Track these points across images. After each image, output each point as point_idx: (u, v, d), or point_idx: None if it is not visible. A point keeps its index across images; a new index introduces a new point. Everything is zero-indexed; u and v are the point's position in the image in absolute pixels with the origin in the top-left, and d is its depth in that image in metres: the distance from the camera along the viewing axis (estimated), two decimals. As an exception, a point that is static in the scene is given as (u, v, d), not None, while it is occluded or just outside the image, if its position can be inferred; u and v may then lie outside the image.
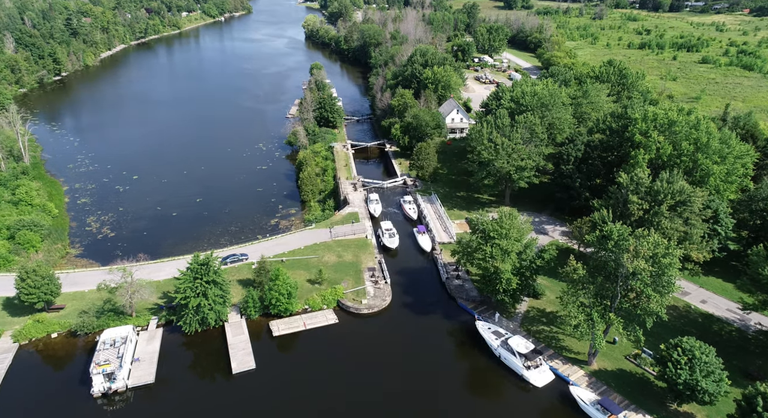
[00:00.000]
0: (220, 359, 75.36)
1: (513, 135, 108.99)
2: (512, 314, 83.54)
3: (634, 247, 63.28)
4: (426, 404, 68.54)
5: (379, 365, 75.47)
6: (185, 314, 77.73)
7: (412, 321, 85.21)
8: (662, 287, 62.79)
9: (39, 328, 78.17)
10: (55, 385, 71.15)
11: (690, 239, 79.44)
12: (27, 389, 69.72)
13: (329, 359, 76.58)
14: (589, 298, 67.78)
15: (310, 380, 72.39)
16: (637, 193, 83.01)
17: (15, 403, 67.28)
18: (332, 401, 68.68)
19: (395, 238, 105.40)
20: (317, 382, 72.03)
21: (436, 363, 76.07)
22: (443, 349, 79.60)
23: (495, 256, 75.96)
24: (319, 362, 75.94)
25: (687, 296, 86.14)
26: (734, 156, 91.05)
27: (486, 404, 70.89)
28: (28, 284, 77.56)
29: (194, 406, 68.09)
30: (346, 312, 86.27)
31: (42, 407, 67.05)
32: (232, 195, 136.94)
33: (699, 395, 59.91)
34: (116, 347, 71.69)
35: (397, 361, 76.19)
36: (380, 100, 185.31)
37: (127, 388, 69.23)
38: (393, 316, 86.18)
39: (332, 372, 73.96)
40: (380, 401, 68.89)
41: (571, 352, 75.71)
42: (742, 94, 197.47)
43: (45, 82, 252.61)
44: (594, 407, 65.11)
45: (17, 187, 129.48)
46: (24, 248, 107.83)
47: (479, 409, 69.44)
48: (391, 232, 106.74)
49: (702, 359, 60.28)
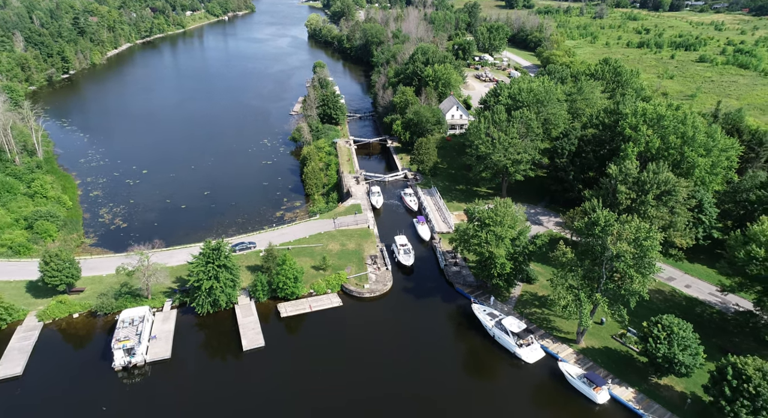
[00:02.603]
0: (231, 337, 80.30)
1: (509, 130, 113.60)
2: (506, 297, 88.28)
3: (617, 231, 67.94)
4: (425, 381, 73.20)
5: (380, 344, 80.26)
6: (198, 296, 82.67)
7: (411, 304, 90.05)
8: (644, 268, 67.47)
9: (61, 308, 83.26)
10: (78, 360, 76.29)
11: (674, 227, 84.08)
12: (53, 363, 74.82)
13: (333, 339, 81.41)
14: (577, 280, 72.39)
15: (316, 358, 77.23)
16: (625, 183, 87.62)
17: (42, 376, 72.34)
18: (336, 376, 73.42)
19: (410, 254, 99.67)
20: (322, 359, 76.83)
21: (434, 343, 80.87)
22: (441, 330, 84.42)
23: (490, 241, 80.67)
24: (324, 342, 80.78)
25: (672, 281, 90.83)
26: (719, 149, 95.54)
27: (481, 379, 75.76)
28: (51, 267, 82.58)
29: (208, 379, 73.10)
30: (349, 296, 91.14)
31: (67, 379, 72.12)
32: (238, 189, 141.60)
33: (677, 367, 64.63)
34: (135, 325, 76.68)
35: (397, 341, 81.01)
36: (382, 98, 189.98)
37: (145, 362, 74.24)
38: (394, 300, 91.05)
39: (336, 351, 78.76)
40: (381, 378, 73.59)
41: (561, 332, 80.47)
42: (737, 92, 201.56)
43: (54, 80, 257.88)
44: (580, 380, 69.86)
45: (32, 180, 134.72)
46: (42, 237, 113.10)
47: (475, 384, 74.30)
48: (407, 248, 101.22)
49: (680, 334, 64.95)
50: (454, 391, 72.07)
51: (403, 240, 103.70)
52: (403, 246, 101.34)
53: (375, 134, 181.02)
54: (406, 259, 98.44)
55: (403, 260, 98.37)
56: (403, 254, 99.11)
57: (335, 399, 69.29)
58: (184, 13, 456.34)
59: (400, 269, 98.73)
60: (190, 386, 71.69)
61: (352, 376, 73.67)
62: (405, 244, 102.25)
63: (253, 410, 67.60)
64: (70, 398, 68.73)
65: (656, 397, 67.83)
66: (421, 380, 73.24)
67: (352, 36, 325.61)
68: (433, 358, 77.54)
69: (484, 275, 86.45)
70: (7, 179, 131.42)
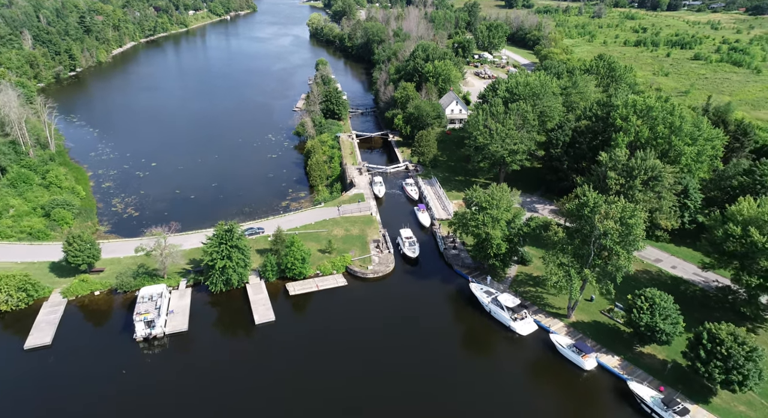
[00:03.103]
0: (244, 313, 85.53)
1: (506, 121, 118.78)
2: (502, 277, 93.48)
3: (605, 210, 73.12)
4: (426, 352, 78.28)
5: (383, 319, 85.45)
6: (212, 275, 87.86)
7: (412, 284, 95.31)
8: (629, 245, 72.60)
9: (84, 286, 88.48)
10: (101, 332, 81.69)
11: (660, 210, 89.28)
12: (78, 336, 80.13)
13: (339, 315, 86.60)
14: (568, 258, 77.46)
15: (322, 331, 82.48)
16: (614, 169, 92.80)
17: (69, 346, 77.60)
18: (342, 348, 78.51)
19: (416, 246, 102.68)
20: (328, 333, 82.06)
21: (434, 318, 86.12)
22: (440, 306, 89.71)
23: (486, 223, 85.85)
24: (330, 317, 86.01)
25: (659, 263, 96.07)
26: (705, 138, 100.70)
27: (479, 350, 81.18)
28: (74, 248, 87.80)
29: (223, 349, 78.43)
30: (353, 276, 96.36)
31: (92, 349, 77.40)
32: (244, 180, 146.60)
33: (658, 335, 69.82)
34: (154, 300, 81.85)
35: (399, 316, 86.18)
36: (383, 93, 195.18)
37: (164, 334, 79.46)
38: (396, 280, 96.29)
39: (342, 325, 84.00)
40: (385, 349, 78.70)
41: (553, 308, 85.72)
42: (730, 89, 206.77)
43: (61, 77, 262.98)
44: (570, 349, 75.06)
45: (47, 171, 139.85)
46: (59, 224, 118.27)
47: (473, 355, 79.74)
48: (412, 240, 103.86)
49: (661, 304, 70.15)
50: (453, 361, 77.35)
51: (408, 233, 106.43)
52: (408, 239, 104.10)
53: (376, 129, 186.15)
54: (411, 251, 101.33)
55: (408, 252, 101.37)
56: (409, 246, 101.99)
57: (342, 369, 74.36)
58: (187, 13, 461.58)
59: (406, 261, 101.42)
60: (206, 356, 76.92)
61: (357, 348, 78.73)
62: (410, 237, 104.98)
63: (266, 378, 72.76)
64: (95, 366, 73.93)
65: (639, 364, 73.08)
66: (422, 352, 78.31)
67: (353, 35, 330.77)
68: (433, 331, 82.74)
69: (481, 256, 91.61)
70: (23, 171, 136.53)
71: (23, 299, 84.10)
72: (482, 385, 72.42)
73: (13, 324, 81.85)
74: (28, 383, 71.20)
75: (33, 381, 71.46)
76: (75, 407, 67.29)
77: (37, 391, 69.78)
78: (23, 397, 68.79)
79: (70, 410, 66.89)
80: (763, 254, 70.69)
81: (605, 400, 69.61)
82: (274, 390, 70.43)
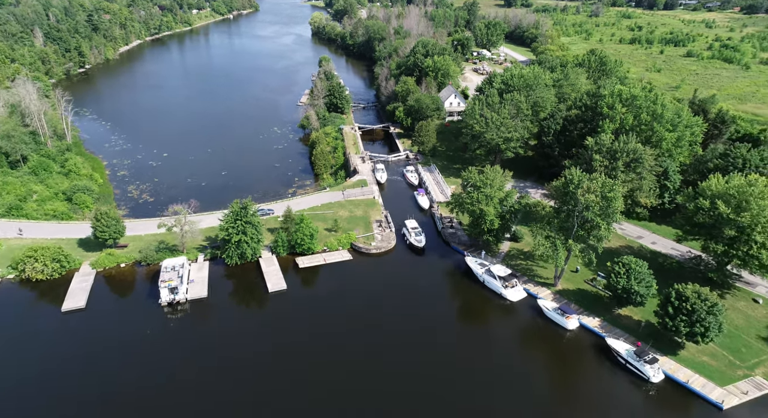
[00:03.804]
0: (257, 283, 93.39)
1: (501, 111, 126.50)
2: (495, 252, 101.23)
3: (586, 185, 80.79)
4: (425, 318, 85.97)
5: (385, 289, 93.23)
6: (228, 249, 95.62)
7: (412, 259, 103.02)
8: (609, 216, 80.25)
9: (110, 259, 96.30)
10: (129, 298, 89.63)
11: (641, 189, 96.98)
12: (108, 301, 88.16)
13: (344, 285, 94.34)
14: (554, 230, 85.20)
15: (330, 299, 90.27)
16: (599, 153, 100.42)
17: (101, 310, 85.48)
18: (347, 315, 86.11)
19: (422, 236, 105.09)
20: (335, 300, 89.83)
21: (432, 288, 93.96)
22: (438, 278, 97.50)
23: (480, 200, 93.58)
24: (337, 287, 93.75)
25: (641, 239, 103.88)
26: (684, 125, 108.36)
27: (473, 315, 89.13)
28: (102, 223, 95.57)
29: (240, 313, 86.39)
30: (358, 252, 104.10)
31: (122, 314, 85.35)
32: (252, 169, 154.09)
33: (633, 296, 77.54)
34: (176, 270, 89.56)
35: (400, 286, 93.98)
36: (385, 88, 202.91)
37: (186, 300, 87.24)
38: (397, 255, 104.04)
39: (347, 294, 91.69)
40: (387, 314, 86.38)
41: (541, 278, 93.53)
42: (719, 84, 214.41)
43: (71, 73, 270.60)
44: (555, 311, 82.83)
45: (65, 160, 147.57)
46: (80, 207, 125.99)
47: (468, 319, 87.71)
48: (418, 231, 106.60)
49: (636, 269, 77.88)
50: (450, 325, 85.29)
51: (414, 223, 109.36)
52: (414, 229, 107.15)
53: (378, 122, 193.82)
54: (418, 241, 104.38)
55: (415, 241, 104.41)
56: (415, 237, 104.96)
57: (347, 333, 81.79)
58: (191, 12, 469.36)
59: (413, 250, 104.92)
60: (224, 319, 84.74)
61: (361, 315, 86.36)
62: (416, 227, 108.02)
63: (279, 338, 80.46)
64: (125, 326, 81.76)
65: (617, 324, 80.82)
66: (421, 317, 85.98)
67: (354, 33, 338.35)
68: (431, 299, 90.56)
69: (476, 232, 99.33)
70: (43, 159, 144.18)
71: (57, 269, 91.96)
72: (477, 345, 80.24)
73: (49, 292, 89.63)
74: (67, 339, 79.05)
75: (71, 338, 79.30)
76: (108, 360, 74.91)
77: (76, 347, 77.54)
78: (63, 352, 76.49)
79: (103, 363, 74.47)
80: (728, 224, 78.35)
81: (586, 355, 77.28)
82: (286, 349, 77.97)
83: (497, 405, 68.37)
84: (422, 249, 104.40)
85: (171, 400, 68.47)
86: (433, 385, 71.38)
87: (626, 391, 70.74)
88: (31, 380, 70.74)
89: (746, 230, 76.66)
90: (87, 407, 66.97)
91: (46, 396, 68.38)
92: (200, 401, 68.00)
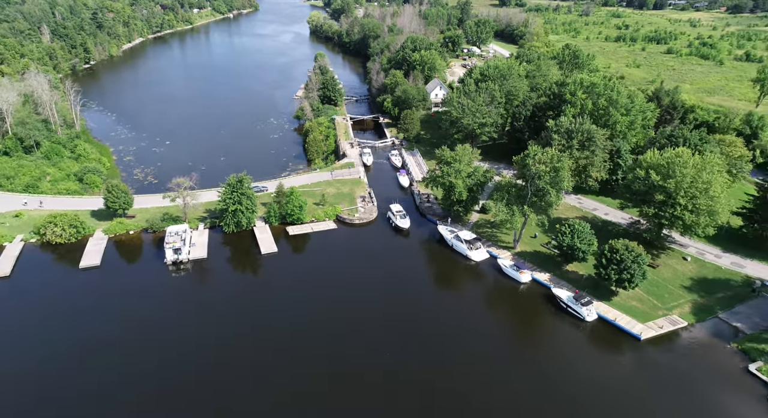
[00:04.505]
0: (252, 247, 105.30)
1: (477, 98, 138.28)
2: (465, 221, 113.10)
3: (538, 157, 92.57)
4: (400, 275, 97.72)
5: (366, 253, 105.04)
6: (225, 217, 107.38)
7: (392, 229, 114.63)
8: (557, 184, 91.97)
9: (120, 226, 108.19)
10: (138, 258, 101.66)
11: (592, 164, 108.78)
12: (120, 260, 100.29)
13: (330, 251, 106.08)
14: (512, 198, 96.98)
15: (316, 261, 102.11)
16: (558, 133, 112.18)
17: (114, 268, 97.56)
18: (332, 274, 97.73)
19: (406, 219, 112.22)
20: (320, 262, 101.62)
21: (408, 251, 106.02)
22: (414, 244, 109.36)
23: (450, 174, 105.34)
24: (323, 252, 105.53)
25: (595, 211, 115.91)
26: (637, 110, 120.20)
27: (442, 272, 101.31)
28: (113, 195, 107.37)
29: (236, 272, 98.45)
30: (342, 223, 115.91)
31: (132, 270, 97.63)
32: (249, 155, 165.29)
33: (576, 252, 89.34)
34: (179, 235, 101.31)
35: (380, 251, 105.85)
36: (376, 81, 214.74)
37: (188, 260, 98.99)
38: (377, 226, 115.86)
39: (332, 257, 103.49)
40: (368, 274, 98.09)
41: (503, 242, 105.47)
42: (692, 78, 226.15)
43: (77, 69, 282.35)
44: (511, 268, 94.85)
45: (75, 146, 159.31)
46: (90, 187, 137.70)
47: (438, 277, 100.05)
48: (402, 213, 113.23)
49: (579, 229, 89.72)
50: (423, 280, 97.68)
51: (398, 207, 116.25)
52: (398, 212, 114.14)
53: (369, 113, 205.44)
54: (403, 223, 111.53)
55: (400, 223, 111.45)
56: (400, 219, 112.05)
57: (332, 288, 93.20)
58: (192, 11, 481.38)
59: (398, 231, 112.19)
60: (222, 275, 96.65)
61: (345, 275, 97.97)
62: (400, 210, 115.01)
63: (271, 292, 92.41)
64: (134, 279, 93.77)
65: (564, 277, 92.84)
66: (398, 276, 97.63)
67: (351, 31, 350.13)
68: (407, 261, 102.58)
69: (448, 204, 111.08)
70: (55, 145, 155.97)
71: (73, 234, 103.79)
72: (444, 297, 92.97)
73: (66, 254, 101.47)
74: (83, 292, 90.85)
75: (88, 291, 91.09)
76: (121, 310, 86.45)
77: (92, 299, 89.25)
78: (81, 303, 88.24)
79: (117, 313, 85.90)
80: (658, 190, 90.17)
81: (536, 302, 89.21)
82: (277, 301, 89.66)
83: (459, 347, 79.32)
84: (407, 231, 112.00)
85: (173, 334, 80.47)
86: (402, 324, 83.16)
87: (566, 328, 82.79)
88: (56, 322, 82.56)
89: (672, 194, 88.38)
90: (99, 342, 78.40)
91: (67, 334, 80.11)
92: (200, 336, 79.78)
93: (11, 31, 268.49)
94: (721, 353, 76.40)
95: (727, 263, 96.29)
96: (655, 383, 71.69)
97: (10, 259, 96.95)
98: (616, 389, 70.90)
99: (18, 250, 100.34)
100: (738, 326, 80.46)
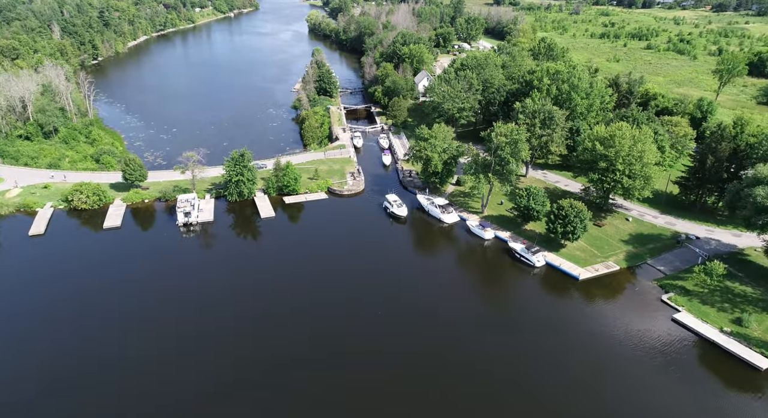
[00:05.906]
0: (253, 212, 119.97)
1: (455, 85, 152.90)
2: (442, 192, 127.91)
3: (499, 130, 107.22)
4: (384, 236, 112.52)
5: (353, 220, 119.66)
6: (229, 188, 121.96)
7: (377, 199, 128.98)
8: (516, 154, 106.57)
9: (137, 196, 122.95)
10: (153, 221, 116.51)
11: (552, 140, 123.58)
12: (137, 223, 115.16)
13: (321, 217, 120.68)
14: (479, 168, 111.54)
15: (309, 226, 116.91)
16: (523, 113, 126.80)
17: (133, 229, 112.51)
18: (323, 237, 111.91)
19: (403, 207, 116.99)
20: (313, 227, 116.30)
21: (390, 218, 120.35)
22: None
23: (427, 148, 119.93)
24: (315, 218, 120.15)
25: (557, 183, 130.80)
26: (596, 94, 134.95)
27: (418, 233, 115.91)
28: (130, 167, 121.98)
29: (239, 232, 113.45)
30: (333, 194, 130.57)
31: (148, 231, 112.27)
32: (250, 141, 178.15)
33: (532, 212, 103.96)
34: (189, 201, 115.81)
35: (366, 217, 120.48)
36: (369, 74, 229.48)
37: (197, 222, 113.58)
38: (365, 197, 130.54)
39: (323, 223, 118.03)
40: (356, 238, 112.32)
41: (473, 208, 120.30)
42: (665, 72, 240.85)
43: (86, 64, 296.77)
44: (477, 227, 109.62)
45: (90, 132, 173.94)
46: (106, 166, 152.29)
47: (416, 234, 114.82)
48: (398, 203, 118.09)
49: (534, 192, 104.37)
50: (402, 242, 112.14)
51: (394, 197, 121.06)
52: (395, 201, 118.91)
53: (362, 104, 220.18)
54: (400, 211, 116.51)
55: (397, 211, 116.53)
56: (397, 207, 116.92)
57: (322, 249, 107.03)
58: (194, 10, 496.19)
59: (395, 220, 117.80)
60: (227, 236, 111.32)
61: (335, 238, 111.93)
62: (396, 200, 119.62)
63: (270, 251, 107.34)
64: (150, 238, 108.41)
65: (521, 234, 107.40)
66: (381, 237, 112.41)
67: (347, 28, 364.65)
68: (389, 226, 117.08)
69: (426, 176, 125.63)
70: (71, 131, 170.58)
71: (96, 201, 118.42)
72: (421, 254, 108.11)
73: (90, 219, 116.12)
74: (106, 249, 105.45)
75: (110, 248, 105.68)
76: (140, 265, 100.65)
77: (113, 256, 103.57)
78: (104, 259, 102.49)
79: (137, 268, 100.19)
80: (601, 159, 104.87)
81: (496, 254, 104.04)
82: (274, 259, 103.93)
83: (431, 294, 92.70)
84: (405, 219, 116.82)
85: (182, 282, 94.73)
86: (383, 275, 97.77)
87: (520, 274, 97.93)
88: (88, 268, 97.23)
89: (612, 161, 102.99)
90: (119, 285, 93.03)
91: (98, 280, 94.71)
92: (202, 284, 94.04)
93: (23, 28, 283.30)
94: (643, 288, 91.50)
95: (662, 222, 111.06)
96: (589, 311, 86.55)
97: (44, 220, 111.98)
98: (558, 318, 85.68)
99: (49, 214, 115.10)
100: (661, 269, 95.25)
